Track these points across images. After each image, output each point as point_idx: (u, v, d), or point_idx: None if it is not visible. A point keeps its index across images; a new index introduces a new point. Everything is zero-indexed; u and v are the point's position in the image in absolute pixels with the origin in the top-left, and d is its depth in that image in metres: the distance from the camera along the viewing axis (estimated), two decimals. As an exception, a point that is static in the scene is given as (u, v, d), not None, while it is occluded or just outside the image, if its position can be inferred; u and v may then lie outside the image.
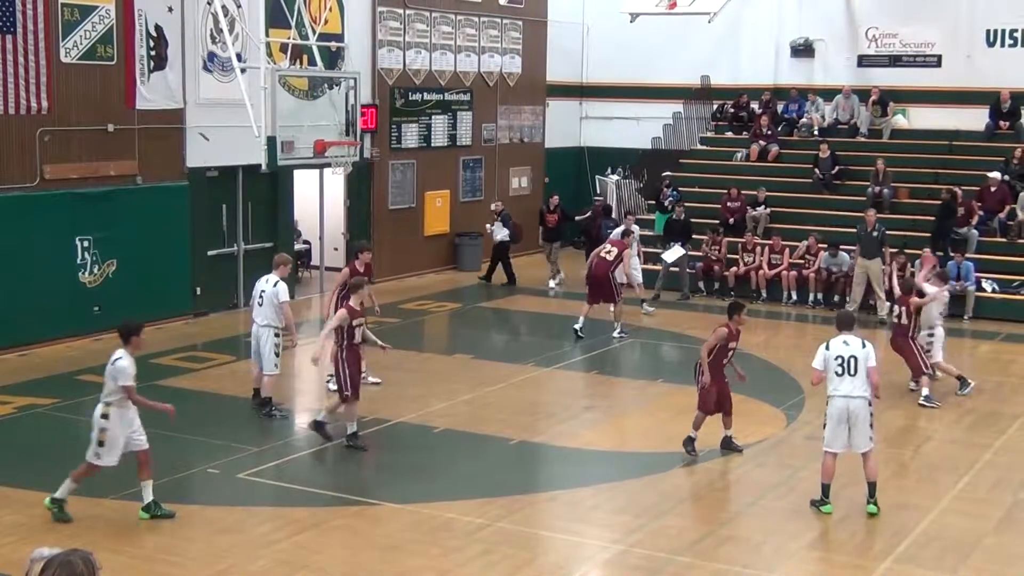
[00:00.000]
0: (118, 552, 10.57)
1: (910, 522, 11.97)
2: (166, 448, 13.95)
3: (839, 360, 12.07)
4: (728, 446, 14.14)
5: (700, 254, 24.88)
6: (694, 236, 24.95)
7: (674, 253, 24.15)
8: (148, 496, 11.65)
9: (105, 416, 11.45)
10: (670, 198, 26.55)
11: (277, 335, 15.31)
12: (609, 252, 20.29)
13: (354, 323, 14.16)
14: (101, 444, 11.47)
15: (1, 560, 10.35)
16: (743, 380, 14.47)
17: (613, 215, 26.94)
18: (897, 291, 17.94)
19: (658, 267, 24.46)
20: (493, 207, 26.65)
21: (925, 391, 16.64)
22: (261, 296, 15.42)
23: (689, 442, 13.93)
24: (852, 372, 12.03)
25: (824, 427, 12.32)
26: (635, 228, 23.35)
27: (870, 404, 12.09)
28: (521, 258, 26.83)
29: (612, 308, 20.47)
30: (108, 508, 11.96)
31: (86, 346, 18.94)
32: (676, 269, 24.35)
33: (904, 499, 12.70)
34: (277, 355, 15.26)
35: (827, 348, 12.17)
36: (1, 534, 10.96)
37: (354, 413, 14.22)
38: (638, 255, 23.25)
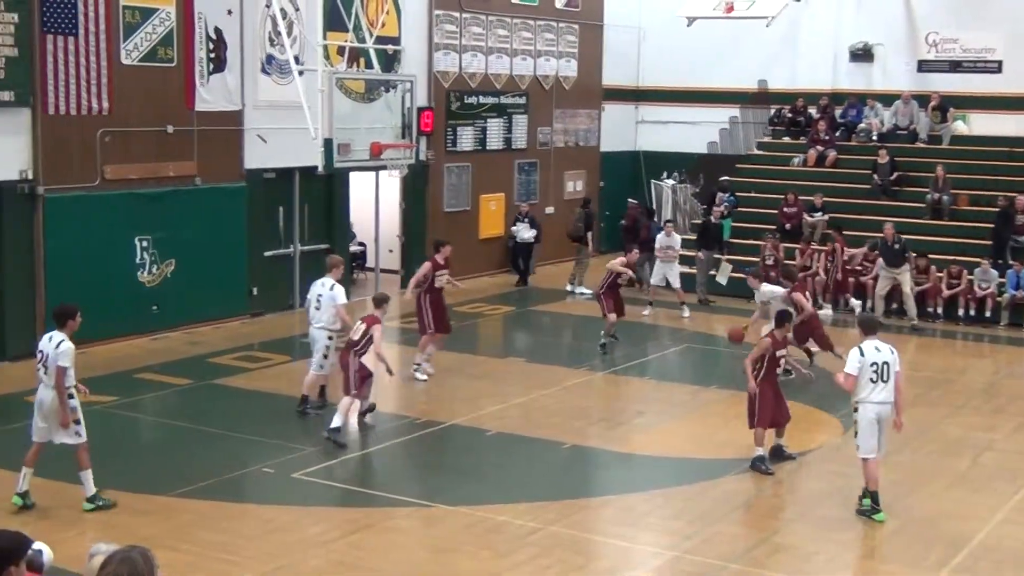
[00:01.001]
0: (174, 549, 10.66)
1: (966, 533, 11.83)
2: (222, 447, 14.12)
3: (874, 367, 12.00)
4: (779, 455, 13.98)
5: (756, 260, 24.76)
6: (753, 242, 24.85)
7: (725, 274, 24.06)
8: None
9: (72, 396, 11.73)
10: (725, 203, 26.45)
11: (331, 338, 15.44)
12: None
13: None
14: (79, 423, 11.76)
15: (60, 555, 10.42)
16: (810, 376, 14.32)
17: (656, 218, 26.99)
18: (785, 282, 18.33)
19: (693, 270, 24.46)
20: (521, 208, 26.78)
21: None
22: (319, 300, 15.55)
23: (761, 460, 13.60)
24: (885, 379, 12.00)
25: (856, 435, 12.25)
26: (676, 236, 23.69)
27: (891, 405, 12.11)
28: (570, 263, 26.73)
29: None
30: (164, 505, 12.09)
31: (144, 345, 19.15)
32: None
33: (961, 510, 12.56)
34: (326, 356, 15.39)
35: (862, 354, 12.05)
36: (61, 529, 11.10)
37: (346, 408, 14.43)
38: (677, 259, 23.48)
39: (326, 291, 15.55)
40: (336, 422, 14.27)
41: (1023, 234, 23.68)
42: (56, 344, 11.67)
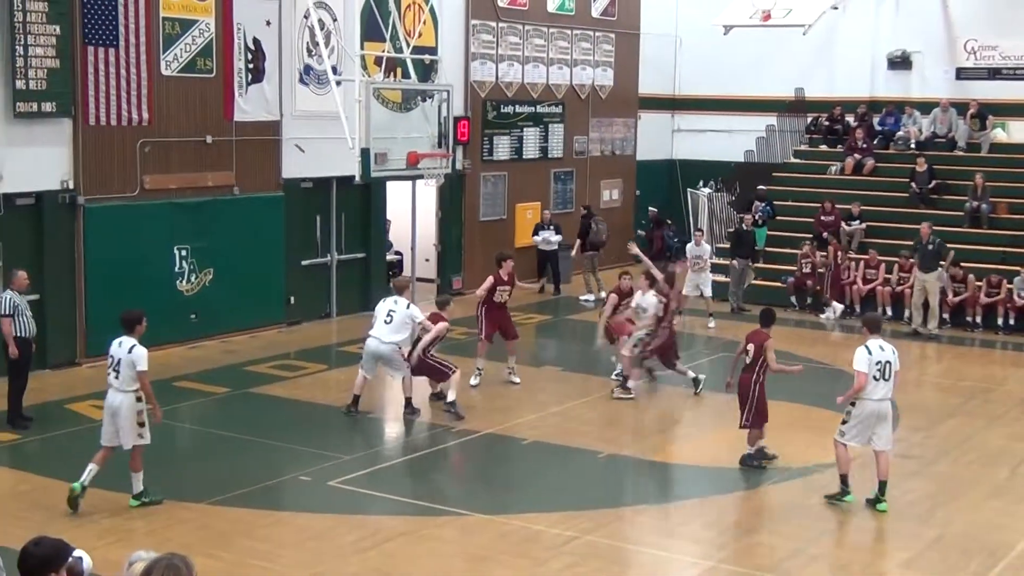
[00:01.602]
0: (212, 556, 10.74)
1: (1006, 544, 11.74)
2: (258, 455, 14.19)
3: (878, 366, 12.44)
4: (762, 456, 14.18)
5: (792, 268, 24.70)
6: (789, 251, 24.78)
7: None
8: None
9: (139, 399, 12.07)
10: (760, 211, 26.40)
11: (399, 348, 15.80)
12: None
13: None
14: (142, 425, 12.12)
15: (98, 561, 10.53)
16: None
17: (701, 227, 26.86)
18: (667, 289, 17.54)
19: (727, 279, 24.43)
20: (543, 215, 26.80)
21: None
22: (390, 315, 15.72)
23: (759, 455, 13.96)
24: (887, 377, 12.48)
25: (844, 423, 12.66)
26: (706, 246, 23.59)
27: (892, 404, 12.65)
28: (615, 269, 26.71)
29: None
30: (202, 512, 12.18)
31: (183, 353, 19.28)
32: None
33: (999, 520, 12.47)
34: (406, 359, 15.84)
35: (869, 353, 12.45)
36: (98, 536, 11.20)
37: (457, 383, 15.90)
38: (708, 269, 23.29)
39: (401, 308, 15.74)
40: (451, 396, 15.73)
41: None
42: (128, 349, 11.99)
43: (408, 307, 15.83)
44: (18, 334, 14.86)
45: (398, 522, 12.16)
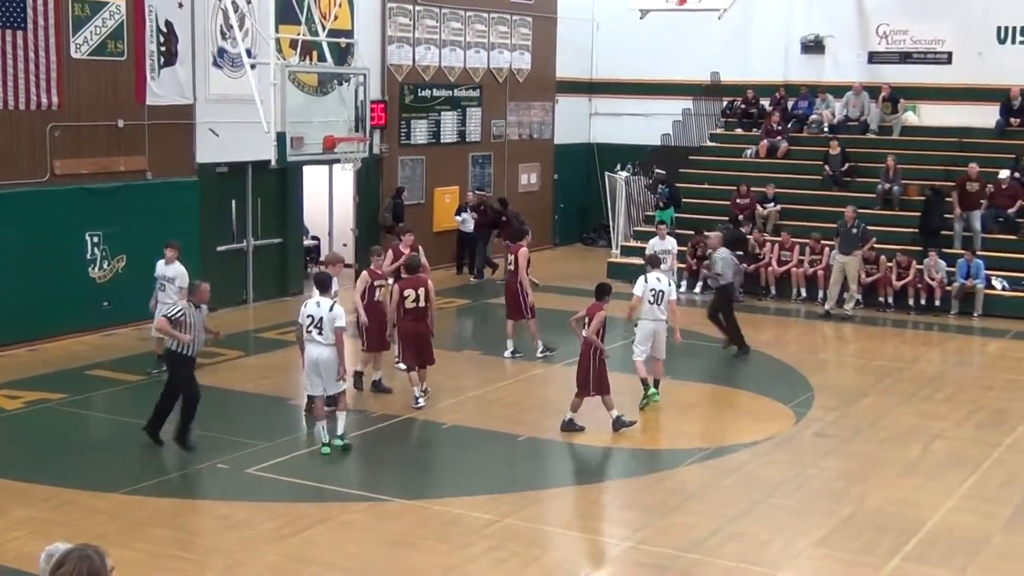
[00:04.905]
0: (127, 547, 10.59)
1: (918, 520, 11.95)
2: (174, 443, 13.99)
3: (653, 292, 15.55)
4: (620, 425, 14.63)
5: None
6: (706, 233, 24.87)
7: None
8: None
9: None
10: (659, 194, 26.56)
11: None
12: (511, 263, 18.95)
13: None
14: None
15: (11, 554, 10.39)
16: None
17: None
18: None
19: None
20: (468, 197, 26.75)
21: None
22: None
23: (571, 424, 14.63)
24: (659, 303, 15.59)
25: (634, 343, 15.87)
26: (671, 240, 21.20)
27: (667, 325, 15.72)
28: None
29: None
30: (117, 502, 12.00)
31: (95, 341, 18.99)
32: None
33: (912, 497, 12.69)
34: None
35: (646, 282, 15.60)
36: (11, 528, 11.00)
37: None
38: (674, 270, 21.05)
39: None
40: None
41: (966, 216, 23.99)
42: (329, 307, 13.35)
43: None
44: (178, 350, 13.69)
45: (317, 509, 12.09)
